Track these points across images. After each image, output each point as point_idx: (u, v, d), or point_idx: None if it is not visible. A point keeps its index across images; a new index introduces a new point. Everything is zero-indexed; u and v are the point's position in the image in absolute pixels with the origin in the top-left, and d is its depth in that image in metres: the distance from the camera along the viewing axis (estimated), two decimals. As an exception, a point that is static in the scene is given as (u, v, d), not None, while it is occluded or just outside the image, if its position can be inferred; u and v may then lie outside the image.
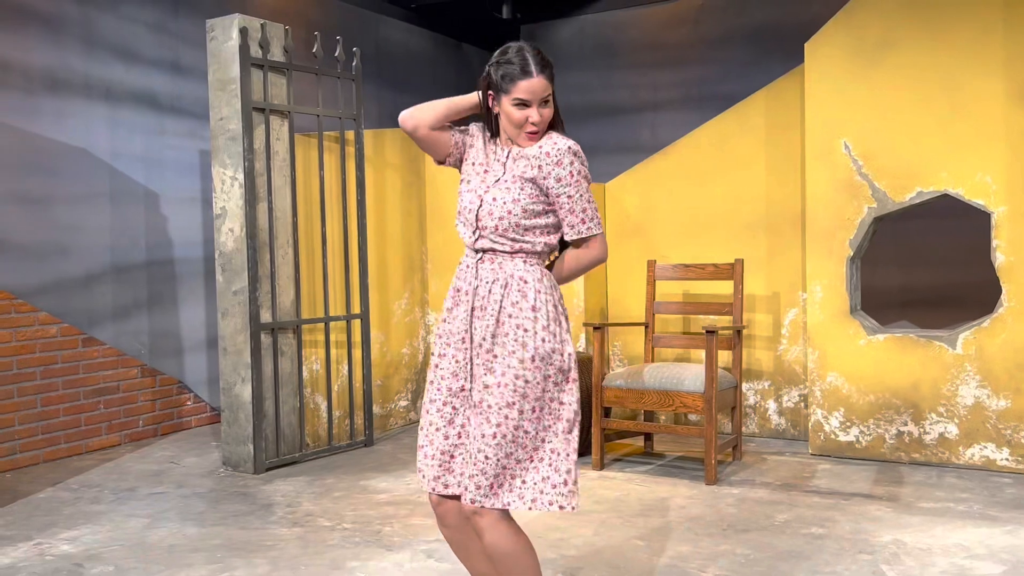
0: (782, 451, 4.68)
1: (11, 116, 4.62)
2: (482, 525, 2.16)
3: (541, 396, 2.13)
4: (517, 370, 2.12)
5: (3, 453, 4.53)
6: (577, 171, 2.18)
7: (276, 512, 3.75)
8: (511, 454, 2.12)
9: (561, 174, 2.16)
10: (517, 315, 2.15)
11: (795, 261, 4.85)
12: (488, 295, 2.17)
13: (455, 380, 2.21)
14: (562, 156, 2.16)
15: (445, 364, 2.23)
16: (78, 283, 4.90)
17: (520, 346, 2.13)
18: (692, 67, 7.21)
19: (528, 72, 2.17)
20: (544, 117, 2.20)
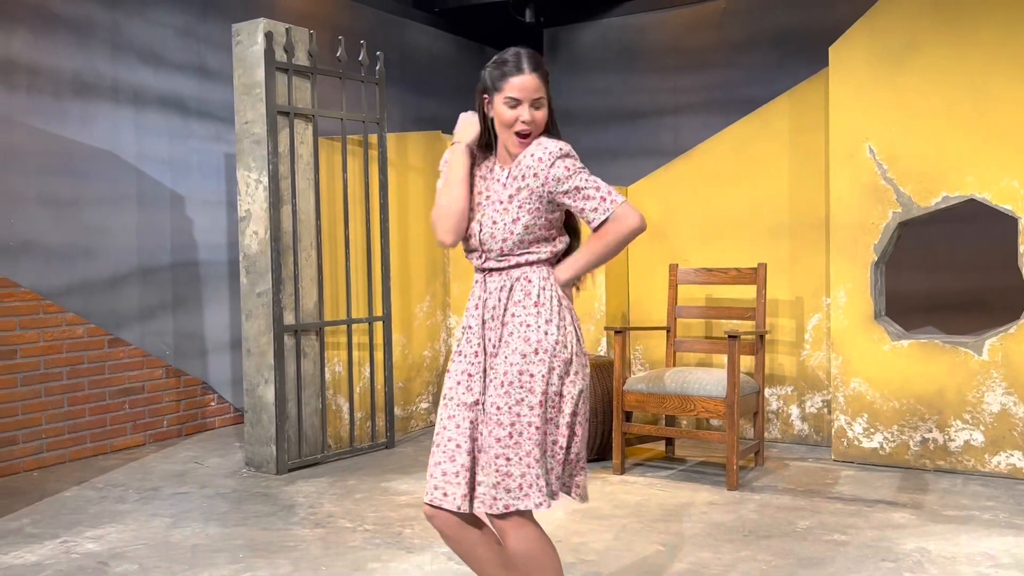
0: (805, 457, 4.65)
1: (40, 119, 4.68)
2: (506, 529, 2.14)
3: (546, 390, 2.12)
4: (521, 365, 2.12)
5: (30, 452, 4.60)
6: (572, 165, 2.15)
7: (298, 513, 3.77)
8: (530, 452, 2.11)
9: (559, 174, 2.13)
10: (520, 312, 2.16)
11: (819, 266, 4.82)
12: (497, 303, 2.19)
13: (469, 394, 2.19)
14: (554, 158, 2.14)
15: (459, 380, 2.22)
16: (105, 284, 4.96)
17: (523, 341, 2.13)
18: (715, 71, 7.18)
19: (520, 69, 2.14)
20: (536, 120, 2.16)
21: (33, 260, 4.64)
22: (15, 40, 4.58)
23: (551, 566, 2.17)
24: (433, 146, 5.61)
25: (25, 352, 4.57)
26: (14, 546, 3.41)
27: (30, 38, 4.64)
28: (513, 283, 2.18)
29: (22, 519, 3.77)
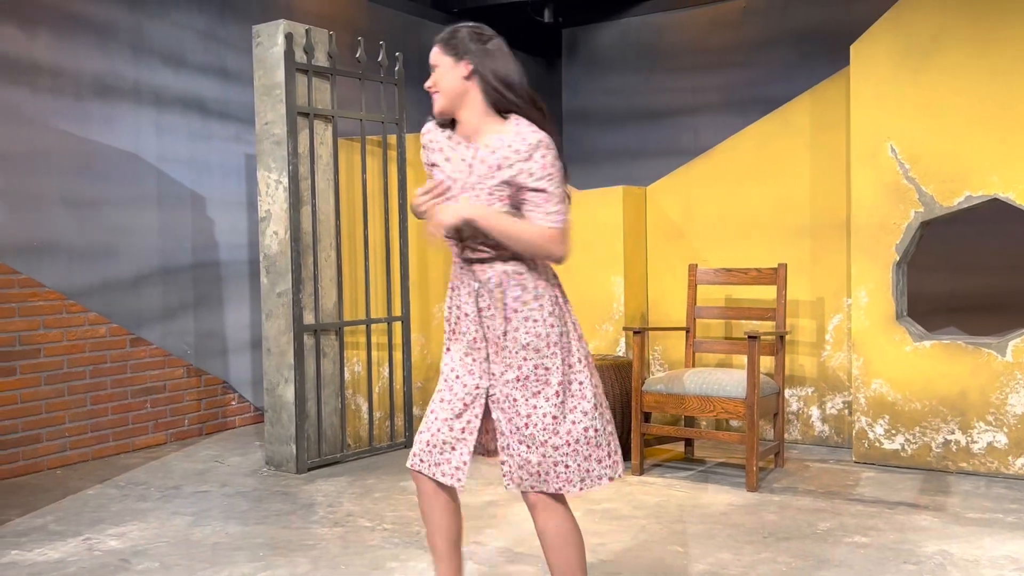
0: (825, 458, 4.61)
1: (63, 121, 4.73)
2: (535, 506, 2.21)
3: (563, 380, 2.17)
4: (535, 359, 2.17)
5: (54, 450, 4.64)
6: (550, 164, 2.13)
7: (317, 512, 3.79)
8: (547, 441, 2.16)
9: (533, 168, 2.13)
10: (522, 308, 2.19)
11: (840, 266, 4.78)
12: (490, 295, 2.21)
13: (471, 377, 2.24)
14: (532, 151, 2.12)
15: (458, 363, 2.27)
16: (126, 284, 5.00)
17: (534, 336, 2.17)
18: (735, 70, 7.15)
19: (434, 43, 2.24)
20: (435, 83, 2.24)
21: (56, 260, 4.69)
22: (38, 42, 4.63)
23: (576, 548, 2.23)
24: (452, 146, 5.61)
25: (48, 351, 4.62)
26: (38, 543, 3.45)
27: (53, 40, 4.69)
28: (503, 278, 2.20)
29: (46, 516, 3.81)
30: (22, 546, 3.42)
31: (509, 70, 2.18)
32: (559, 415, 2.17)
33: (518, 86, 2.19)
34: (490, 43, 2.21)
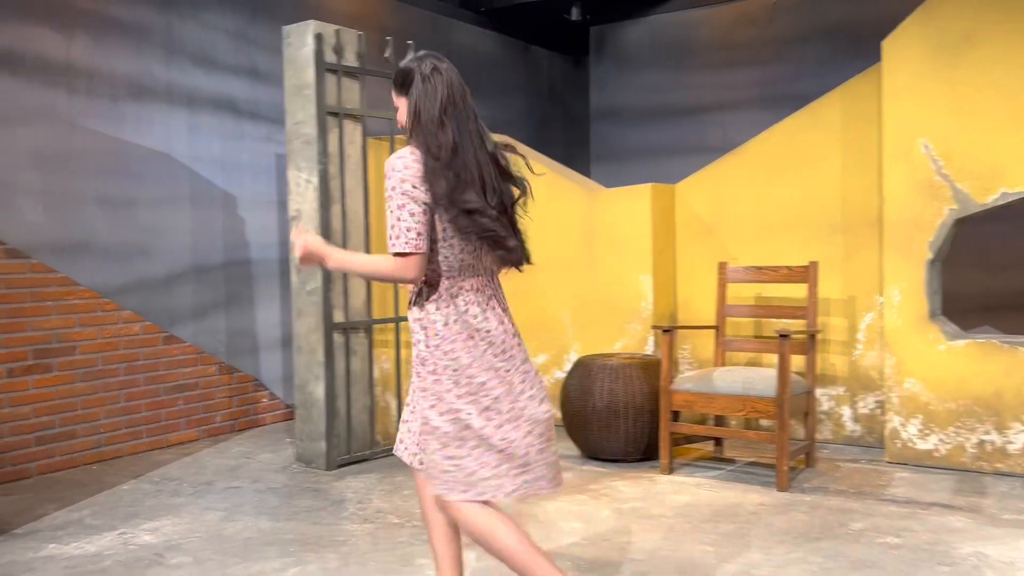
0: (857, 458, 4.57)
1: (98, 122, 4.80)
2: (449, 512, 2.35)
3: (427, 404, 2.30)
4: (418, 375, 2.32)
5: (90, 446, 4.72)
6: (392, 186, 2.19)
7: (347, 508, 3.82)
8: (424, 450, 2.36)
9: (387, 187, 2.22)
10: (414, 325, 2.33)
11: (872, 264, 4.73)
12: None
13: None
14: (387, 170, 2.22)
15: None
16: (160, 283, 5.07)
17: (416, 354, 2.32)
18: (765, 67, 7.10)
19: None
20: (398, 119, 2.32)
21: (91, 259, 4.76)
22: (75, 45, 4.70)
23: (501, 544, 2.26)
24: (480, 145, 5.62)
25: (84, 348, 4.69)
26: (75, 537, 3.51)
27: (89, 43, 4.76)
28: (411, 293, 2.37)
29: (82, 511, 3.87)
30: (59, 540, 3.48)
31: (427, 101, 2.22)
32: (424, 432, 2.32)
33: (424, 116, 2.22)
34: (432, 76, 2.25)
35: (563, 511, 3.72)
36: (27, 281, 4.47)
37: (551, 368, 5.54)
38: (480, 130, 2.28)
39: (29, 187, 4.51)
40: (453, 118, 2.22)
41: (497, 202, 2.29)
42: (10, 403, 4.40)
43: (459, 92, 2.25)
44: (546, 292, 5.55)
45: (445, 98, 2.22)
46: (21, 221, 4.47)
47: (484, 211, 2.22)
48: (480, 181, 2.23)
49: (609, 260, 5.33)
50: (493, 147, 2.31)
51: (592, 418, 4.51)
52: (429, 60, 2.28)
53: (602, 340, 5.34)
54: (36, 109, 4.54)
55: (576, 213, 5.44)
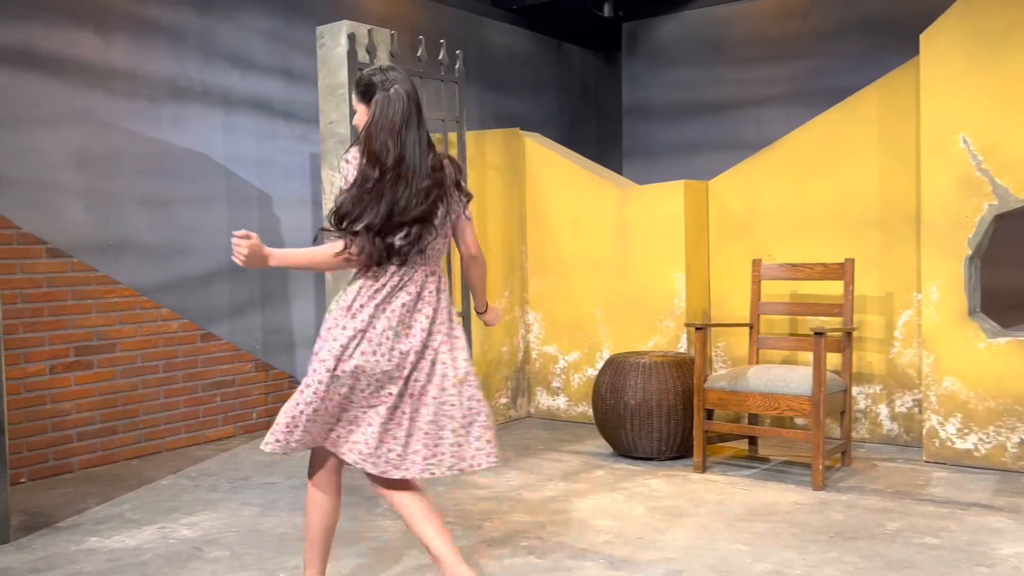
0: (894, 457, 4.51)
1: (137, 123, 4.89)
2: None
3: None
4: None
5: (130, 442, 4.81)
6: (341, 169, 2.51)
7: (381, 504, 3.85)
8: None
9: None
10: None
11: (909, 261, 4.67)
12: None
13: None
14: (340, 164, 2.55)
15: None
16: (197, 281, 5.14)
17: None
18: (801, 61, 7.03)
19: None
20: (355, 121, 2.58)
21: (131, 258, 4.84)
22: (115, 48, 4.79)
23: (308, 520, 2.68)
24: (511, 144, 5.63)
25: (124, 346, 4.78)
26: (116, 530, 3.58)
27: (128, 45, 4.85)
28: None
29: (123, 505, 3.94)
30: (101, 533, 3.55)
31: (385, 114, 2.46)
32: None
33: (379, 127, 2.46)
34: (392, 92, 2.47)
35: (597, 509, 3.72)
36: (69, 280, 4.56)
37: (583, 366, 5.54)
38: (423, 145, 2.49)
39: (70, 187, 4.61)
40: (403, 133, 2.45)
41: (416, 213, 2.46)
42: (52, 399, 4.49)
43: (414, 110, 2.49)
44: (578, 290, 5.54)
45: (401, 113, 2.45)
46: (63, 221, 4.57)
47: (388, 227, 2.44)
48: (408, 190, 2.43)
49: (642, 257, 5.31)
50: (433, 160, 2.51)
51: (624, 416, 4.50)
52: (391, 74, 2.50)
53: (634, 338, 5.33)
54: (77, 111, 4.63)
55: (608, 210, 5.42)
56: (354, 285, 2.50)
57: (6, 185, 4.30)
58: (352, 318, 2.45)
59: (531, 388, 5.78)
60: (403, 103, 2.46)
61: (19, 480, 4.34)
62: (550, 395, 5.70)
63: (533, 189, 5.70)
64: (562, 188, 5.59)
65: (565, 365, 5.62)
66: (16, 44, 4.40)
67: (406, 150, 2.44)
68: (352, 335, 2.44)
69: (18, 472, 4.34)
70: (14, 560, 3.27)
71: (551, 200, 5.63)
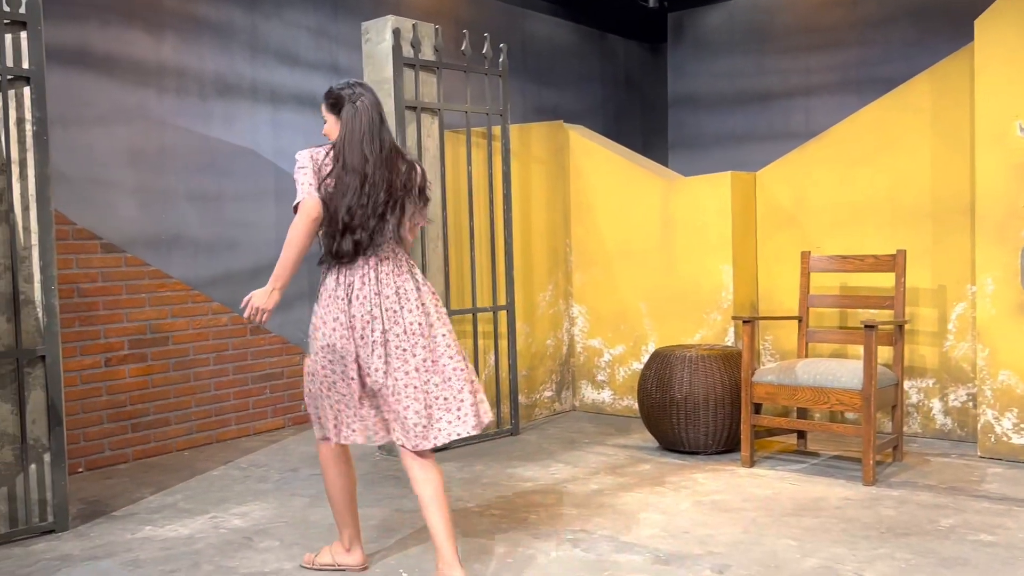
0: (947, 453, 4.42)
1: (188, 120, 4.97)
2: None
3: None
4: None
5: (182, 433, 4.91)
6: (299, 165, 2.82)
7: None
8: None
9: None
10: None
11: (963, 252, 4.56)
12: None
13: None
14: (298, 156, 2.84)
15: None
16: (246, 275, 5.22)
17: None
18: (850, 49, 6.90)
19: None
20: (326, 131, 2.87)
21: (182, 252, 4.94)
22: (165, 46, 4.88)
23: (327, 483, 2.97)
24: (555, 136, 5.62)
25: (176, 339, 4.88)
26: (170, 520, 3.66)
27: (179, 43, 4.93)
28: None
29: (175, 495, 4.03)
30: (155, 522, 3.63)
31: (352, 125, 2.76)
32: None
33: (348, 136, 2.76)
34: (358, 106, 2.77)
35: (642, 503, 3.71)
36: (123, 274, 4.66)
37: (628, 359, 5.52)
38: (384, 152, 2.76)
39: (123, 184, 4.71)
40: (367, 143, 2.74)
41: (371, 211, 2.75)
42: (108, 391, 4.60)
43: (377, 123, 2.77)
44: (623, 282, 5.52)
45: (369, 124, 2.75)
46: (116, 217, 4.67)
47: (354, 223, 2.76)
48: (368, 189, 2.73)
49: (688, 250, 5.27)
50: (402, 164, 2.81)
51: (670, 410, 4.47)
52: (357, 88, 2.79)
53: (681, 331, 5.29)
54: (130, 109, 4.73)
55: (653, 202, 5.39)
56: (329, 279, 2.85)
57: (62, 182, 4.41)
58: (330, 308, 2.81)
59: (576, 381, 5.78)
60: (369, 115, 2.76)
61: (77, 470, 4.46)
62: (595, 388, 5.69)
63: (577, 182, 5.68)
64: (606, 181, 5.57)
65: (610, 358, 5.60)
66: (71, 44, 4.50)
67: (373, 157, 2.73)
68: (333, 325, 2.79)
69: (75, 462, 4.46)
70: (73, 547, 3.36)
71: (595, 193, 5.61)
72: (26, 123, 3.48)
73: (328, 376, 2.82)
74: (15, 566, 3.17)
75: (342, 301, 2.79)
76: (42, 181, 3.49)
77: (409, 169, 2.82)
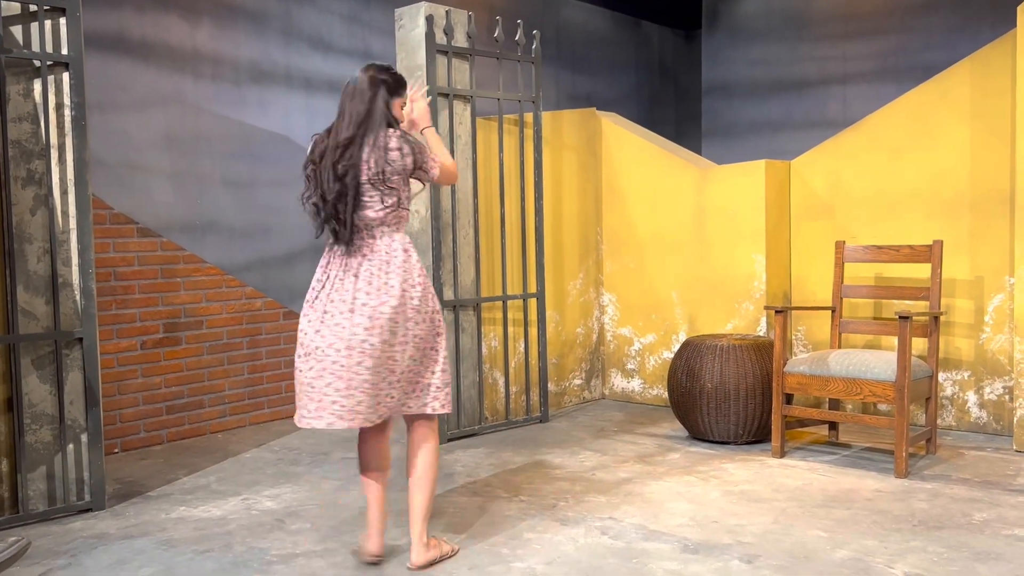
0: (982, 446, 4.36)
1: (223, 106, 5.02)
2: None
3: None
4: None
5: (215, 415, 4.98)
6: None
7: (457, 481, 3.90)
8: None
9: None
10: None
11: (1002, 243, 4.48)
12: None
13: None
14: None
15: None
16: (279, 261, 5.27)
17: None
18: (889, 36, 6.79)
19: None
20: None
21: (217, 238, 4.99)
22: (200, 32, 4.92)
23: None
24: (587, 124, 5.60)
25: (210, 323, 4.94)
26: (203, 501, 3.72)
27: (214, 30, 4.97)
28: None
29: (209, 476, 4.09)
30: (189, 503, 3.69)
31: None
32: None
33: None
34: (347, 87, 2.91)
35: (671, 492, 3.70)
36: (158, 258, 4.73)
37: (658, 349, 5.50)
38: (345, 137, 2.87)
39: (160, 169, 4.77)
40: (334, 133, 2.93)
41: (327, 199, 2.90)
42: (143, 374, 4.68)
43: (345, 105, 2.90)
44: (654, 271, 5.49)
45: (338, 112, 2.92)
46: (152, 202, 4.73)
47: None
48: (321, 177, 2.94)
49: (720, 239, 5.23)
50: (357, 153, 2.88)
51: (701, 399, 4.45)
52: (356, 74, 2.92)
53: (712, 320, 5.26)
54: (166, 94, 4.78)
55: (686, 191, 5.35)
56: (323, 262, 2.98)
57: (99, 167, 4.47)
58: (319, 291, 2.90)
59: (605, 370, 5.77)
60: (341, 99, 2.92)
61: (113, 450, 4.54)
62: (624, 377, 5.68)
63: (609, 169, 5.66)
64: (639, 168, 5.53)
65: (640, 347, 5.58)
66: (109, 30, 4.56)
67: (331, 144, 2.90)
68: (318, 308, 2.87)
69: (112, 443, 4.54)
70: (109, 526, 3.43)
71: (628, 180, 5.58)
72: (65, 108, 3.54)
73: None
74: (53, 543, 3.24)
75: (314, 288, 2.93)
76: (80, 166, 3.55)
77: (379, 150, 2.79)
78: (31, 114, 3.47)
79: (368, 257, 2.84)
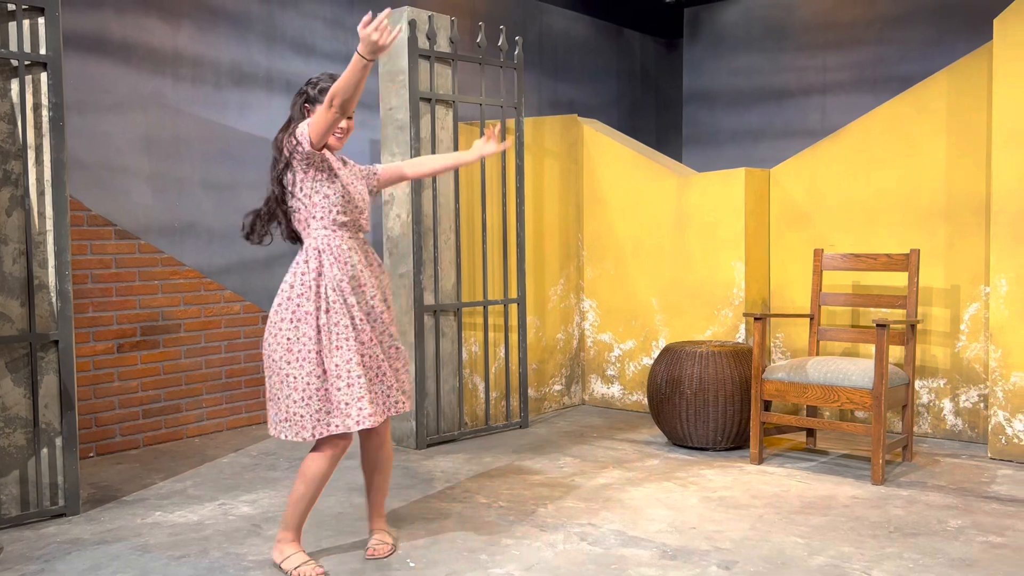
0: (958, 453, 4.40)
1: (203, 109, 4.99)
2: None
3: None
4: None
5: (192, 420, 4.94)
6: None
7: (436, 487, 3.89)
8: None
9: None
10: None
11: (977, 252, 4.54)
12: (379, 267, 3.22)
13: (376, 347, 2.96)
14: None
15: (365, 332, 2.93)
16: (259, 264, 5.24)
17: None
18: (867, 47, 6.86)
19: None
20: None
21: (196, 240, 4.96)
22: (181, 34, 4.89)
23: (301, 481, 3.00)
24: (569, 130, 5.62)
25: (188, 327, 4.90)
26: (179, 506, 3.68)
27: (195, 32, 4.95)
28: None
29: (185, 481, 4.06)
30: (164, 508, 3.66)
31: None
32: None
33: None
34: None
35: (650, 498, 3.71)
36: (136, 261, 4.69)
37: (638, 355, 5.51)
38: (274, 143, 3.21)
39: (139, 171, 4.73)
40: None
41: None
42: (120, 377, 4.63)
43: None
44: (635, 277, 5.51)
45: None
46: (131, 204, 4.69)
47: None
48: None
49: (700, 246, 5.26)
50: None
51: (680, 405, 4.47)
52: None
53: (692, 327, 5.28)
54: (146, 96, 4.75)
55: (667, 198, 5.38)
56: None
57: (78, 168, 4.43)
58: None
59: (585, 376, 5.78)
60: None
61: (88, 454, 4.50)
62: (604, 383, 5.69)
63: (590, 176, 5.68)
64: (620, 175, 5.56)
65: (620, 353, 5.60)
66: (88, 31, 4.52)
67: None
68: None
69: (87, 447, 4.49)
70: (83, 531, 3.39)
71: (609, 187, 5.60)
72: (42, 108, 3.51)
73: None
74: (26, 548, 3.20)
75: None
76: (58, 167, 3.52)
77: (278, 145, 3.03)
78: (8, 114, 3.43)
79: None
